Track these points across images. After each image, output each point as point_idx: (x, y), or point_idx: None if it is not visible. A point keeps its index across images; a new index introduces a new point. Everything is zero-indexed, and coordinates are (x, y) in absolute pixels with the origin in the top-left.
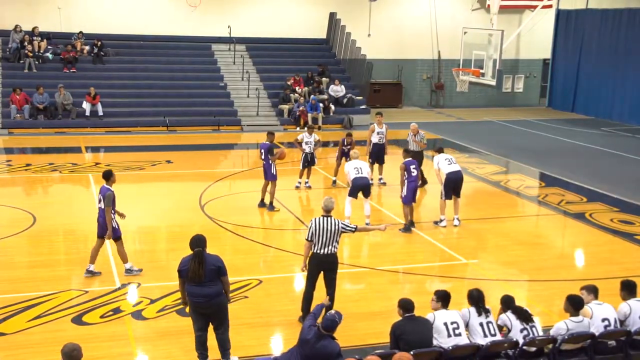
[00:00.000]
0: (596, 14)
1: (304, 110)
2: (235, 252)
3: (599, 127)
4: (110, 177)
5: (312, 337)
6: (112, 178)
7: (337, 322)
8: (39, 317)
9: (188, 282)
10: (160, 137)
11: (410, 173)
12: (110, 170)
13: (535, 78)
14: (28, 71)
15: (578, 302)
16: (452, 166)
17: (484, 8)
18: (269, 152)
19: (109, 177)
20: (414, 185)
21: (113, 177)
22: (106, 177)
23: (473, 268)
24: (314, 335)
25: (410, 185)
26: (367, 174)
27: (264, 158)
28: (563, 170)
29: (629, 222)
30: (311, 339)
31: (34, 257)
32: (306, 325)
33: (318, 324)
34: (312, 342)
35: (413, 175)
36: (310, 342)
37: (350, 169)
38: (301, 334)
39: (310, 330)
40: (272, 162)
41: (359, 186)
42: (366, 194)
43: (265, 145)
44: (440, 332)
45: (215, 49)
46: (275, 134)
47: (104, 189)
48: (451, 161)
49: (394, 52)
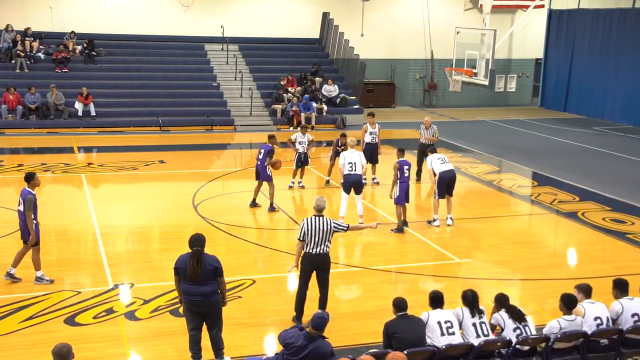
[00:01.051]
0: (588, 14)
1: (297, 110)
2: (229, 252)
3: (590, 127)
4: (31, 180)
5: (303, 341)
6: (34, 181)
7: (326, 320)
8: (31, 318)
9: (184, 281)
10: (153, 137)
11: (403, 173)
12: (33, 173)
13: (528, 78)
14: (20, 71)
15: (571, 301)
16: (445, 165)
17: (476, 8)
18: (269, 154)
19: (30, 180)
20: (406, 186)
21: (35, 180)
22: (28, 179)
23: (466, 267)
24: (304, 339)
25: (403, 186)
26: (362, 168)
27: (261, 159)
28: (555, 170)
29: (621, 221)
30: (302, 344)
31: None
32: (289, 334)
33: (304, 326)
34: (304, 346)
35: (405, 176)
36: (302, 347)
37: (344, 163)
38: (286, 341)
39: (299, 336)
40: (266, 165)
41: (350, 182)
42: (358, 191)
43: (267, 147)
44: (434, 331)
45: (208, 48)
46: (276, 136)
47: (24, 192)
48: (444, 160)
49: (387, 51)
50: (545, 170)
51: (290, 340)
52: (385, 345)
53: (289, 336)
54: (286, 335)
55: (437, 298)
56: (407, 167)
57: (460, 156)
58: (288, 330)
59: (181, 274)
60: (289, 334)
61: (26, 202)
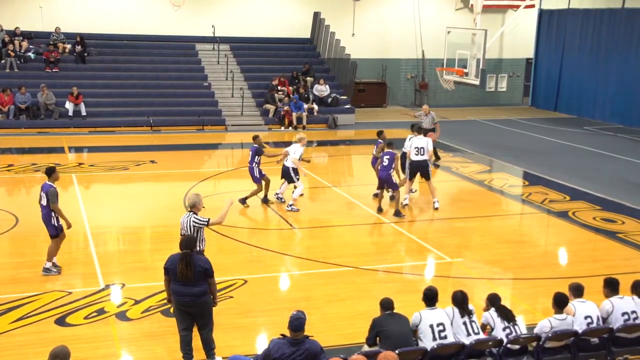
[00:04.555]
0: (578, 14)
1: (289, 110)
2: (220, 252)
3: (581, 126)
4: (52, 174)
5: (290, 348)
6: (55, 175)
7: (303, 319)
8: (22, 319)
9: (174, 281)
10: (144, 137)
11: (382, 162)
12: (53, 167)
13: (519, 77)
14: (9, 71)
15: (563, 301)
16: (418, 157)
17: (467, 8)
18: (256, 153)
19: (51, 174)
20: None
21: (56, 174)
22: (49, 173)
23: (457, 267)
24: (290, 345)
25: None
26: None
27: (250, 160)
28: (546, 169)
29: (612, 220)
30: (291, 351)
31: (17, 258)
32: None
33: (280, 337)
34: (292, 352)
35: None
36: (292, 354)
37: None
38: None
39: (284, 345)
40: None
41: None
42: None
43: (253, 147)
44: (426, 335)
45: (199, 48)
46: (260, 136)
47: (46, 186)
48: (419, 152)
49: (378, 51)
50: (536, 169)
51: (277, 354)
52: (369, 339)
53: (274, 351)
54: (270, 352)
55: (432, 295)
56: (386, 157)
57: (451, 156)
58: (269, 347)
59: (171, 274)
60: (273, 350)
61: (49, 195)
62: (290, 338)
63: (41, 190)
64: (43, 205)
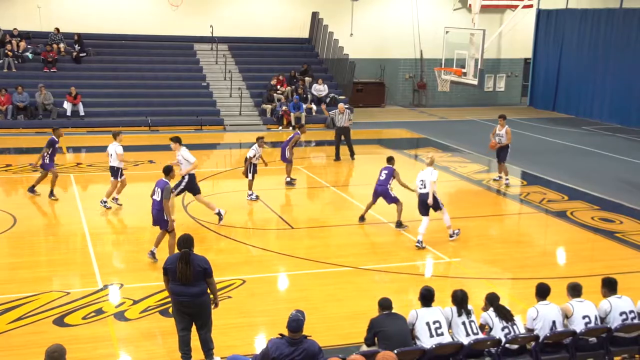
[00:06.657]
0: (576, 14)
1: (287, 110)
2: (219, 252)
3: (579, 126)
4: (170, 172)
5: (289, 348)
6: (172, 173)
7: (302, 320)
8: (20, 319)
9: (173, 281)
10: (142, 137)
11: (380, 176)
12: (171, 166)
13: (517, 77)
14: (7, 71)
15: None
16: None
17: (465, 8)
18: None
19: (168, 172)
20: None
21: (173, 172)
22: (166, 171)
23: (456, 266)
24: (288, 345)
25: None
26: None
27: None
28: (544, 169)
29: (610, 220)
30: (289, 350)
31: (15, 259)
32: (270, 349)
33: (279, 337)
34: (291, 352)
35: (381, 179)
36: (290, 353)
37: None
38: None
39: (282, 345)
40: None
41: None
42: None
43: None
44: (423, 333)
45: (198, 48)
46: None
47: (162, 182)
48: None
49: (376, 51)
50: (534, 169)
51: (275, 354)
52: (367, 339)
53: (272, 350)
54: (268, 351)
55: (428, 295)
56: (385, 172)
57: (450, 155)
58: (268, 346)
59: (170, 275)
60: (271, 350)
61: (164, 191)
62: (289, 338)
63: (155, 186)
64: (156, 200)
